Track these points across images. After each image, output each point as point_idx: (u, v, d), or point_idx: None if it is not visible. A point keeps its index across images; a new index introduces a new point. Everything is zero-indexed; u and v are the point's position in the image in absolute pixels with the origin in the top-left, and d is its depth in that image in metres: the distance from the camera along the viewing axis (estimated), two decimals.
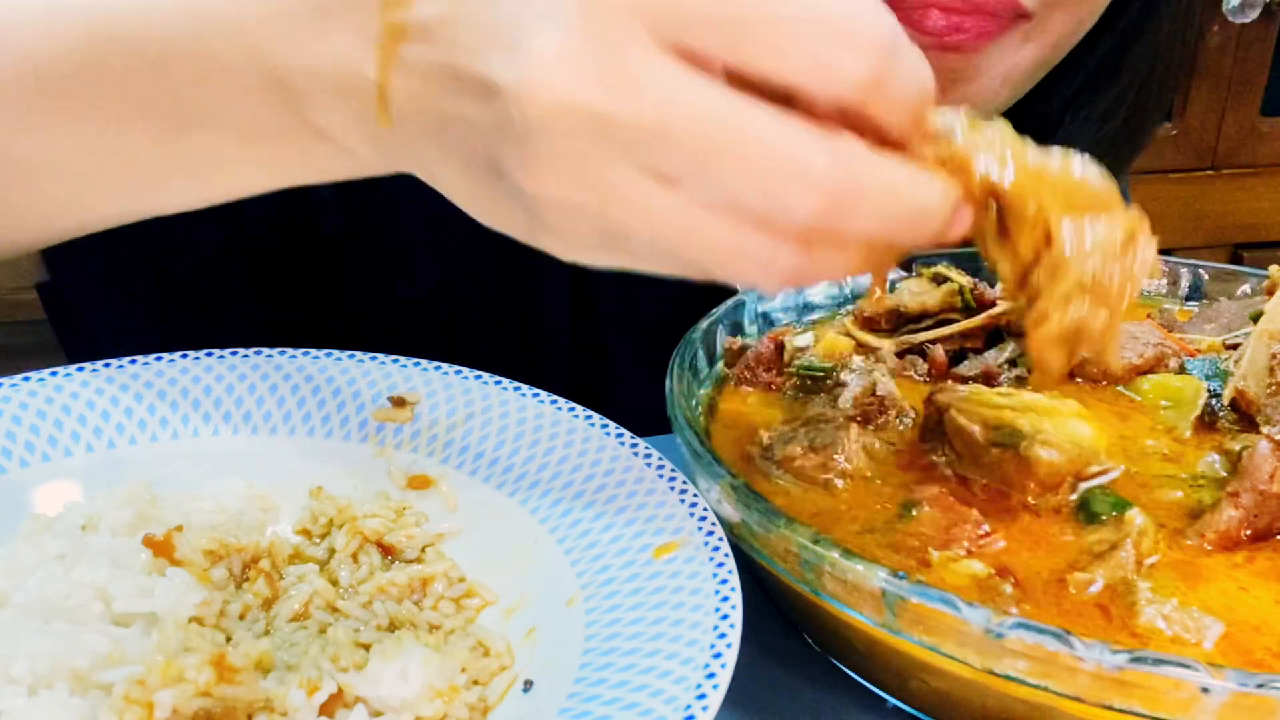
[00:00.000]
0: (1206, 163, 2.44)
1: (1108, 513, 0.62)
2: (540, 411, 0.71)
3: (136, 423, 0.70)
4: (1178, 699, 0.47)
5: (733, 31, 0.45)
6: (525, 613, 0.61)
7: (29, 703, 0.51)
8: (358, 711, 0.52)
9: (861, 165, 0.46)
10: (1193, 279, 0.91)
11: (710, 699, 0.49)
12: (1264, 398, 0.67)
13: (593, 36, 0.45)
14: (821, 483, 0.66)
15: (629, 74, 0.45)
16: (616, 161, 0.46)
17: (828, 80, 0.45)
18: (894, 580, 0.51)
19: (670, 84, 0.45)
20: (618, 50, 0.45)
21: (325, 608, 0.59)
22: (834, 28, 0.45)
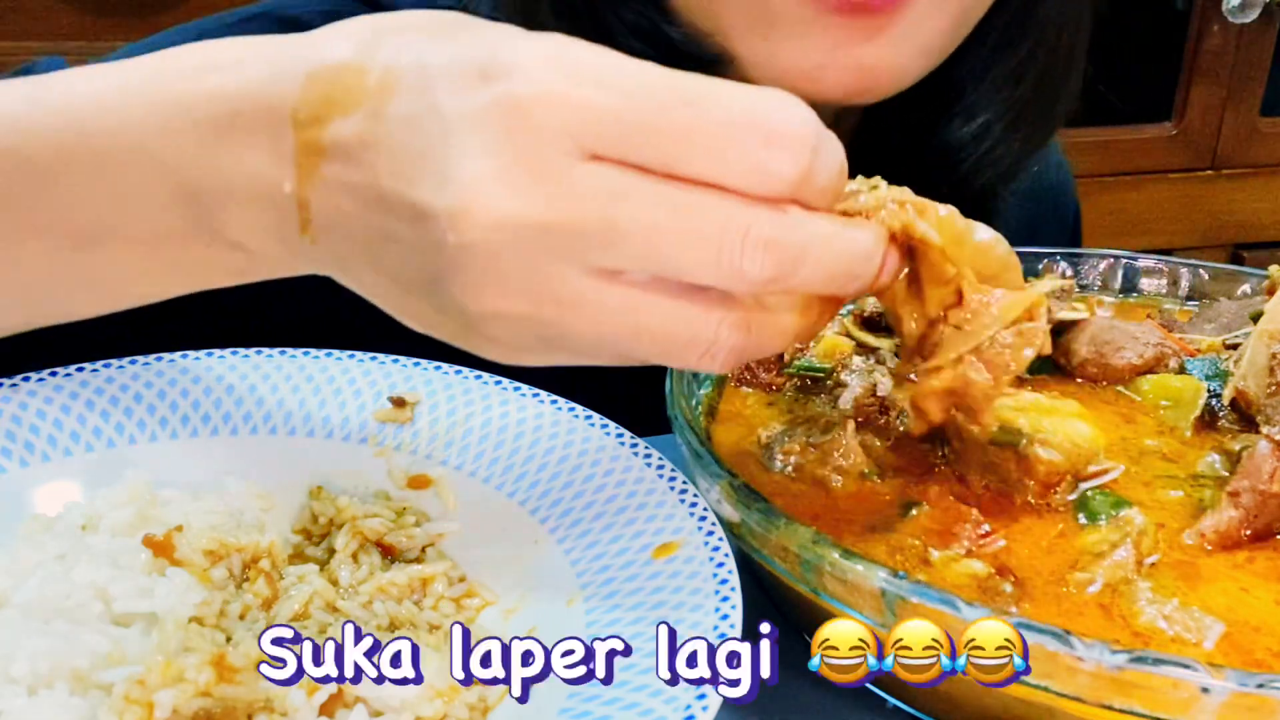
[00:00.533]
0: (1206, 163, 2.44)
1: (1107, 512, 0.62)
2: (540, 411, 0.71)
3: (136, 423, 0.70)
4: (1178, 699, 0.47)
5: (664, 142, 0.46)
6: (525, 613, 0.61)
7: (29, 703, 0.51)
8: (358, 711, 0.52)
9: (801, 220, 0.48)
10: (1193, 279, 0.91)
11: (710, 699, 0.49)
12: (1264, 398, 0.67)
13: (522, 155, 0.45)
14: (820, 479, 0.66)
15: (564, 181, 0.46)
16: (561, 268, 0.47)
17: (764, 182, 0.47)
18: (894, 580, 0.51)
19: (607, 180, 0.46)
20: (549, 163, 0.45)
21: (325, 608, 0.59)
22: (765, 132, 0.47)
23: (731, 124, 0.46)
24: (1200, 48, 2.32)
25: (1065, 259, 0.92)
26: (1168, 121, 2.40)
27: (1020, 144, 0.94)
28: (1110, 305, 0.91)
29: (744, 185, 0.47)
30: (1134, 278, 0.92)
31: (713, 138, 0.46)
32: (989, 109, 0.91)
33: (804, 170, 0.47)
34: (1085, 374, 0.78)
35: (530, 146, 0.46)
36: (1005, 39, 0.90)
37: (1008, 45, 0.90)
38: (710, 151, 0.46)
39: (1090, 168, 2.35)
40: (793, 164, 0.47)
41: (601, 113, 0.46)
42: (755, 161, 0.46)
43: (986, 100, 0.91)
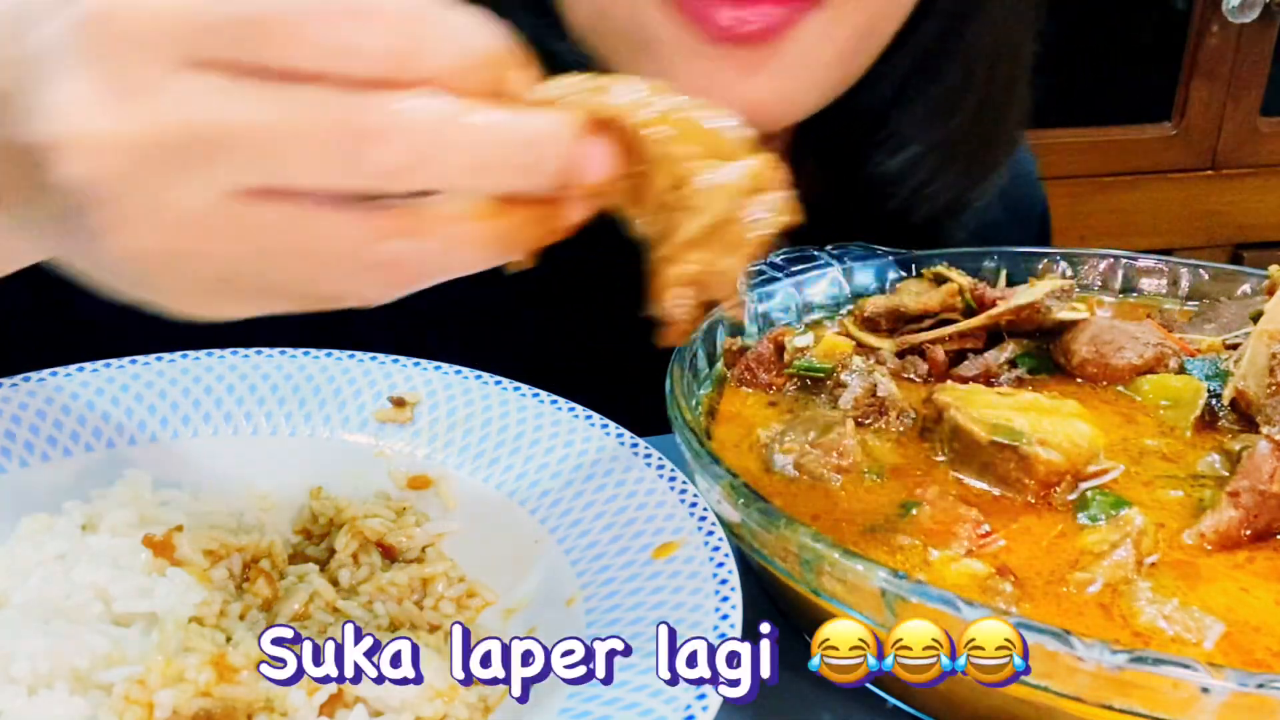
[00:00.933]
0: (1206, 163, 2.44)
1: (1107, 512, 0.62)
2: (540, 411, 0.71)
3: (136, 423, 0.70)
4: (1178, 699, 0.47)
5: (249, 34, 0.42)
6: (525, 613, 0.61)
7: (29, 703, 0.51)
8: (358, 711, 0.52)
9: (426, 103, 0.43)
10: (1193, 279, 0.91)
11: (710, 699, 0.49)
12: (1264, 398, 0.67)
13: (113, 71, 0.42)
14: (820, 479, 0.66)
15: (162, 92, 0.42)
16: (185, 190, 0.42)
17: (349, 61, 0.43)
18: (894, 580, 0.51)
19: (209, 86, 0.42)
20: (144, 75, 0.42)
21: (325, 608, 0.59)
22: (344, 10, 0.43)
23: (308, 8, 0.42)
24: (1200, 48, 2.31)
25: (1065, 259, 0.92)
26: (1168, 121, 2.40)
27: (959, 178, 0.92)
28: (1110, 305, 0.91)
29: (341, 70, 0.43)
30: (1134, 278, 0.92)
31: (300, 25, 0.42)
32: (920, 140, 0.89)
33: (397, 45, 0.43)
34: (1085, 374, 0.78)
35: (120, 60, 0.42)
36: (927, 67, 0.88)
37: (932, 74, 0.88)
38: (302, 40, 0.42)
39: (1090, 168, 2.35)
40: (380, 39, 0.43)
41: (193, 14, 0.42)
42: (344, 41, 0.42)
43: (915, 131, 0.89)
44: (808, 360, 0.77)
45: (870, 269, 0.88)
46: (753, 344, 0.79)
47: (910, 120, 0.89)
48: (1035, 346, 0.80)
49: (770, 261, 0.86)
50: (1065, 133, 2.33)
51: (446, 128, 0.44)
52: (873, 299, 0.83)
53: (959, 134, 0.90)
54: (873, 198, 0.91)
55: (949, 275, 0.82)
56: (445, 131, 0.44)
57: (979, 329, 0.79)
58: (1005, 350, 0.79)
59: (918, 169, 0.90)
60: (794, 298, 0.85)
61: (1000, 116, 0.92)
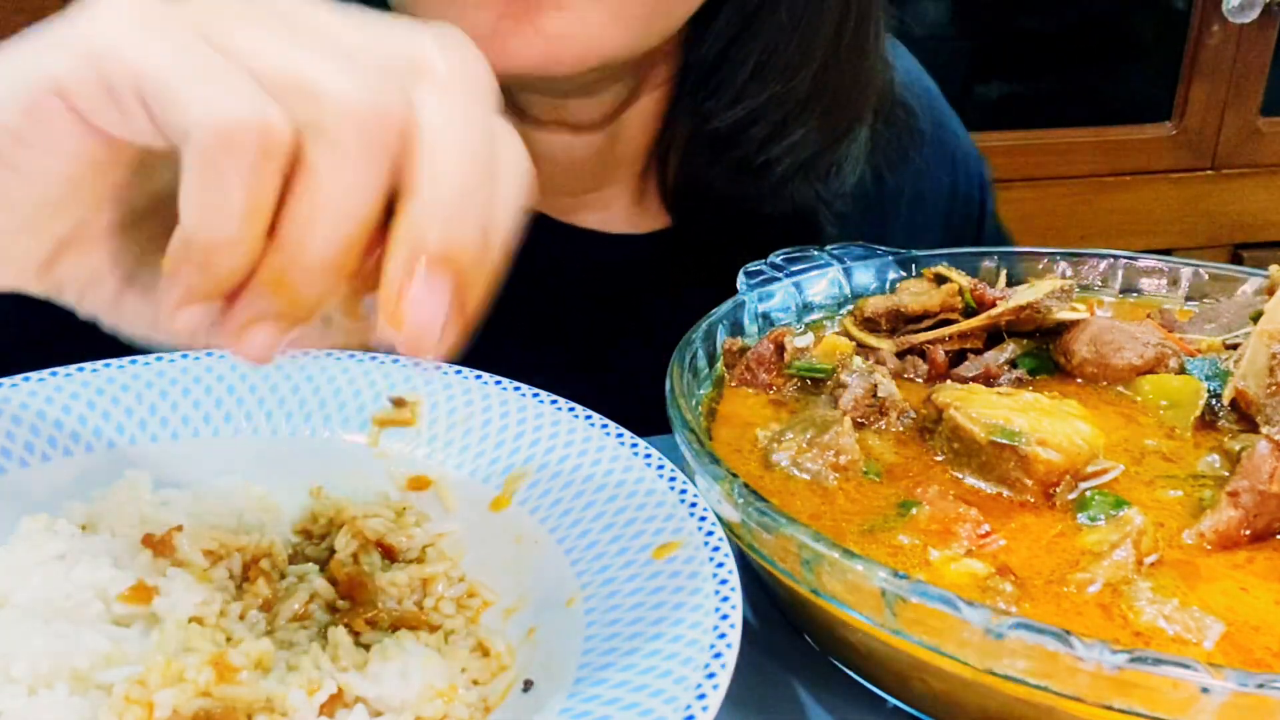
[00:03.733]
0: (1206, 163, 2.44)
1: (1107, 512, 0.62)
2: (540, 411, 0.71)
3: (136, 423, 0.70)
4: (1178, 699, 0.47)
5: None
6: (525, 613, 0.61)
7: (29, 703, 0.51)
8: (358, 711, 0.52)
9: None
10: (1193, 279, 0.91)
11: (710, 699, 0.49)
12: (1264, 398, 0.67)
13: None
14: (819, 479, 0.66)
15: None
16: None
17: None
18: (894, 580, 0.51)
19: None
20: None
21: (325, 608, 0.59)
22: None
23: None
24: (1200, 48, 2.31)
25: (1065, 259, 0.92)
26: (1168, 121, 2.40)
27: (809, 136, 0.92)
28: (1110, 305, 0.91)
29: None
30: (1134, 278, 0.92)
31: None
32: (750, 95, 0.90)
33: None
34: (1085, 374, 0.78)
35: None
36: (751, 25, 0.89)
37: (756, 33, 0.89)
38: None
39: (1090, 168, 2.36)
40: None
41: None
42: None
43: (748, 88, 0.90)
44: (808, 360, 0.77)
45: (870, 269, 0.88)
46: (753, 344, 0.79)
47: (742, 76, 0.90)
48: (1035, 346, 0.80)
49: (770, 261, 0.86)
50: (1065, 133, 2.34)
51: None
52: (873, 299, 0.83)
53: (800, 93, 0.90)
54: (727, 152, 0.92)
55: (949, 275, 0.82)
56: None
57: (979, 329, 0.79)
58: (1005, 350, 0.79)
59: (758, 124, 0.91)
60: (794, 298, 0.85)
61: (848, 82, 0.92)
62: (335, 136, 0.42)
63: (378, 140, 0.42)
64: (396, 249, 0.44)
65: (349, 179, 0.42)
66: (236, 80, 0.41)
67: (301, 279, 0.43)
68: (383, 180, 0.43)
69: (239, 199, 0.42)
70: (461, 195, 0.44)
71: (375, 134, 0.42)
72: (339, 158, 0.42)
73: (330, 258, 0.43)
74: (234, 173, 0.41)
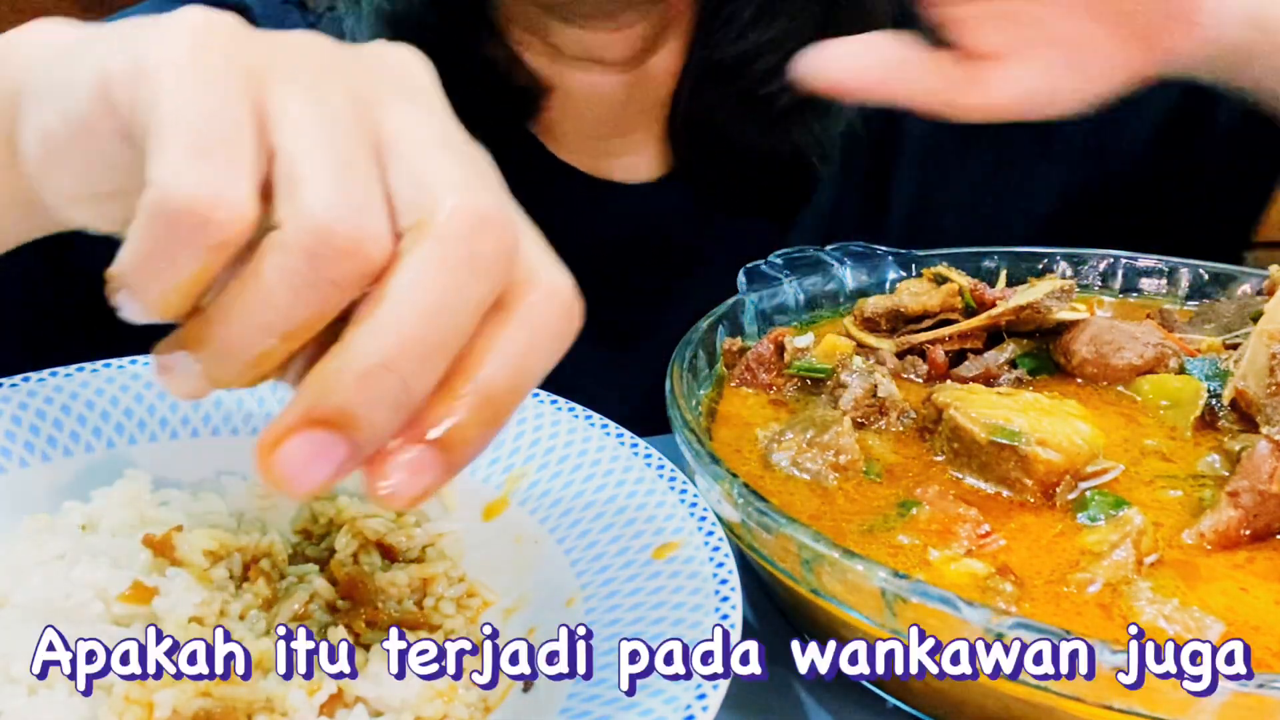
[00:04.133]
0: None
1: (1107, 512, 0.62)
2: (540, 411, 0.71)
3: (136, 423, 0.70)
4: (1178, 699, 0.47)
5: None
6: (525, 613, 0.61)
7: (29, 703, 0.51)
8: (358, 711, 0.52)
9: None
10: (1193, 279, 0.91)
11: (710, 699, 0.49)
12: (1264, 398, 0.67)
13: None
14: (819, 479, 0.66)
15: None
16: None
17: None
18: (894, 580, 0.51)
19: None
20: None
21: (325, 608, 0.59)
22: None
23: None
24: None
25: (1065, 259, 0.92)
26: None
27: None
28: (1110, 305, 0.91)
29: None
30: (1134, 278, 0.92)
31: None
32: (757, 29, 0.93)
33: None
34: (1085, 374, 0.78)
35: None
36: None
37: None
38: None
39: None
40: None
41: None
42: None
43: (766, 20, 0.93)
44: (808, 360, 0.77)
45: (870, 269, 0.88)
46: (753, 344, 0.79)
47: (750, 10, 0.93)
48: (1035, 346, 0.80)
49: (770, 261, 0.86)
50: None
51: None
52: (873, 299, 0.83)
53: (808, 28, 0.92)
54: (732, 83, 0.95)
55: (949, 275, 0.82)
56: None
57: (979, 329, 0.79)
58: (1005, 350, 0.79)
59: (764, 56, 0.93)
60: (794, 297, 0.85)
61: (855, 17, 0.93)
62: (290, 249, 0.39)
63: (332, 273, 0.39)
64: (299, 395, 0.41)
65: (280, 296, 0.39)
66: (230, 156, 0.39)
67: (214, 358, 0.42)
68: (325, 313, 0.40)
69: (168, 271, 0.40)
70: (390, 366, 0.39)
71: (332, 266, 0.39)
72: (283, 272, 0.39)
73: (246, 353, 0.41)
74: (176, 244, 0.39)
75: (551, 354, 0.43)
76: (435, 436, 0.41)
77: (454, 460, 0.42)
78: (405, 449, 0.41)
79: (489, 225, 0.41)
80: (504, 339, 0.42)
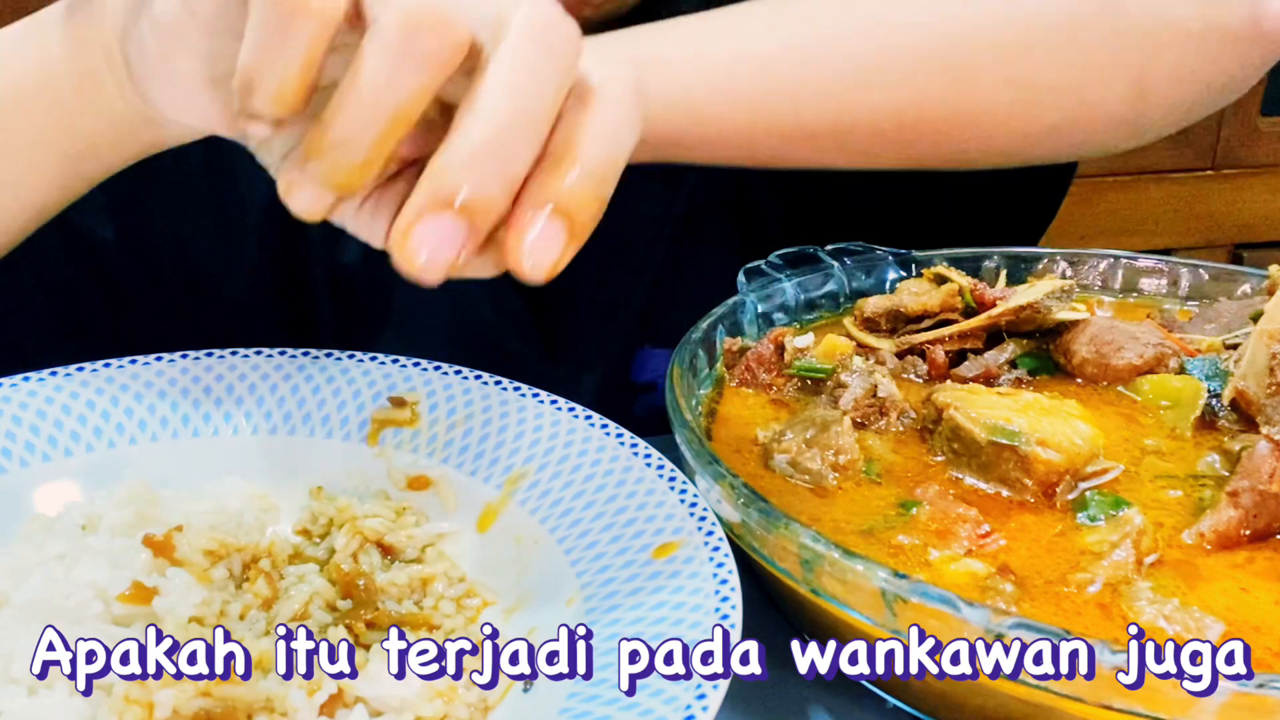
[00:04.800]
0: (1206, 163, 2.44)
1: (1106, 512, 0.62)
2: (540, 411, 0.71)
3: (136, 423, 0.70)
4: (1177, 699, 0.47)
5: None
6: (525, 613, 0.61)
7: (29, 703, 0.51)
8: (358, 711, 0.52)
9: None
10: (1193, 279, 0.91)
11: (710, 699, 0.49)
12: (1264, 398, 0.67)
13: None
14: (819, 479, 0.66)
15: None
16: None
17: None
18: (894, 580, 0.51)
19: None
20: None
21: (325, 608, 0.59)
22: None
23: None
24: None
25: (1065, 259, 0.92)
26: None
27: None
28: (1110, 305, 0.91)
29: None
30: (1134, 278, 0.92)
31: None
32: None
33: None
34: (1085, 374, 0.78)
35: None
36: None
37: None
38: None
39: (1090, 168, 2.35)
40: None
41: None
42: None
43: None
44: (808, 360, 0.77)
45: (870, 269, 0.88)
46: (753, 344, 0.79)
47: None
48: (1035, 347, 0.80)
49: (770, 261, 0.86)
50: None
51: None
52: (873, 299, 0.83)
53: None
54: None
55: (949, 275, 0.82)
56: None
57: (979, 329, 0.79)
58: (1005, 350, 0.79)
59: None
60: (794, 298, 0.85)
61: None
62: (385, 31, 0.44)
63: (425, 48, 0.44)
64: (420, 184, 0.45)
65: (383, 76, 0.44)
66: None
67: (332, 153, 0.46)
68: (424, 88, 0.45)
69: (282, 55, 0.45)
70: (495, 145, 0.45)
71: (424, 41, 0.44)
72: (382, 52, 0.44)
73: (361, 141, 0.45)
74: (285, 29, 0.44)
75: (632, 131, 0.49)
76: (555, 202, 0.46)
77: (574, 227, 0.47)
78: (533, 221, 0.46)
79: (556, 24, 0.46)
80: (592, 116, 0.47)
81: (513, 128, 0.45)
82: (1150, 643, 0.52)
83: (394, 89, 0.45)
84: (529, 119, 0.46)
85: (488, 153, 0.45)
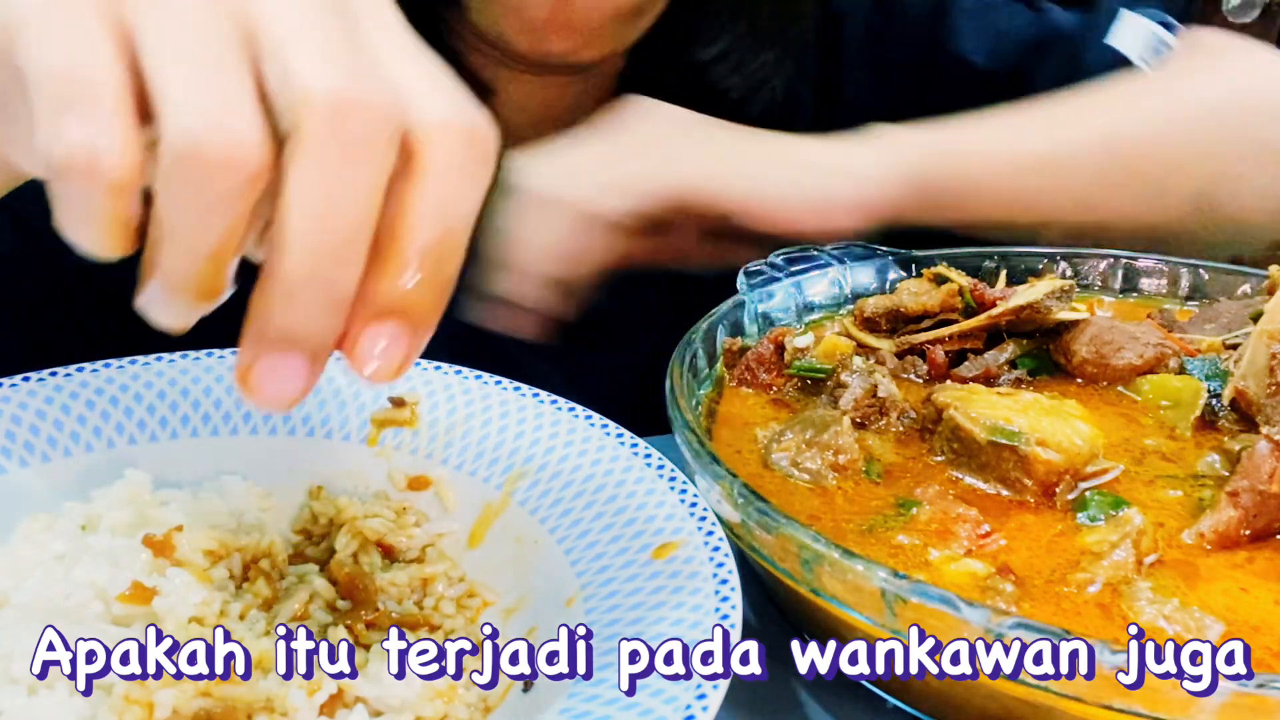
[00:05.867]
0: None
1: (1106, 512, 0.62)
2: (540, 411, 0.71)
3: (136, 423, 0.70)
4: (1177, 698, 0.47)
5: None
6: (525, 613, 0.61)
7: (29, 703, 0.51)
8: (358, 711, 0.52)
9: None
10: (1193, 279, 0.91)
11: (710, 699, 0.49)
12: (1264, 398, 0.67)
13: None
14: (819, 479, 0.66)
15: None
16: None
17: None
18: (894, 580, 0.51)
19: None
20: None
21: (325, 608, 0.59)
22: None
23: None
24: None
25: (1065, 259, 0.92)
26: None
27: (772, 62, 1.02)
28: (1110, 305, 0.91)
29: None
30: (1134, 278, 0.92)
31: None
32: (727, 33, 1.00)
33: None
34: (1085, 374, 0.78)
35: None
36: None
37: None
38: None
39: None
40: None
41: None
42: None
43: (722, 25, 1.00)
44: (808, 360, 0.77)
45: (870, 269, 0.88)
46: (753, 344, 0.79)
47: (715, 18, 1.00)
48: (1035, 347, 0.80)
49: (770, 261, 0.86)
50: None
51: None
52: (873, 299, 0.83)
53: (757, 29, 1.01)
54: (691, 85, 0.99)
55: (949, 275, 0.82)
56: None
57: (979, 329, 0.79)
58: (1005, 350, 0.79)
59: (730, 56, 1.00)
60: (794, 298, 0.85)
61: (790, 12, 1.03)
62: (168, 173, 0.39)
63: (207, 184, 0.39)
64: (246, 326, 0.42)
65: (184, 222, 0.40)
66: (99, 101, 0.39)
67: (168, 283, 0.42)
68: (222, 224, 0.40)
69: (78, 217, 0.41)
70: (311, 279, 0.40)
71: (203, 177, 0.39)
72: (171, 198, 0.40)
73: (185, 274, 0.41)
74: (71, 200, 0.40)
75: (472, 191, 0.43)
76: (390, 308, 0.43)
77: (418, 323, 0.43)
78: (370, 330, 0.43)
79: (352, 108, 0.40)
80: (416, 199, 0.42)
81: (325, 256, 0.40)
82: (1150, 643, 0.52)
83: (202, 232, 0.40)
84: (342, 238, 0.40)
85: (305, 288, 0.40)
